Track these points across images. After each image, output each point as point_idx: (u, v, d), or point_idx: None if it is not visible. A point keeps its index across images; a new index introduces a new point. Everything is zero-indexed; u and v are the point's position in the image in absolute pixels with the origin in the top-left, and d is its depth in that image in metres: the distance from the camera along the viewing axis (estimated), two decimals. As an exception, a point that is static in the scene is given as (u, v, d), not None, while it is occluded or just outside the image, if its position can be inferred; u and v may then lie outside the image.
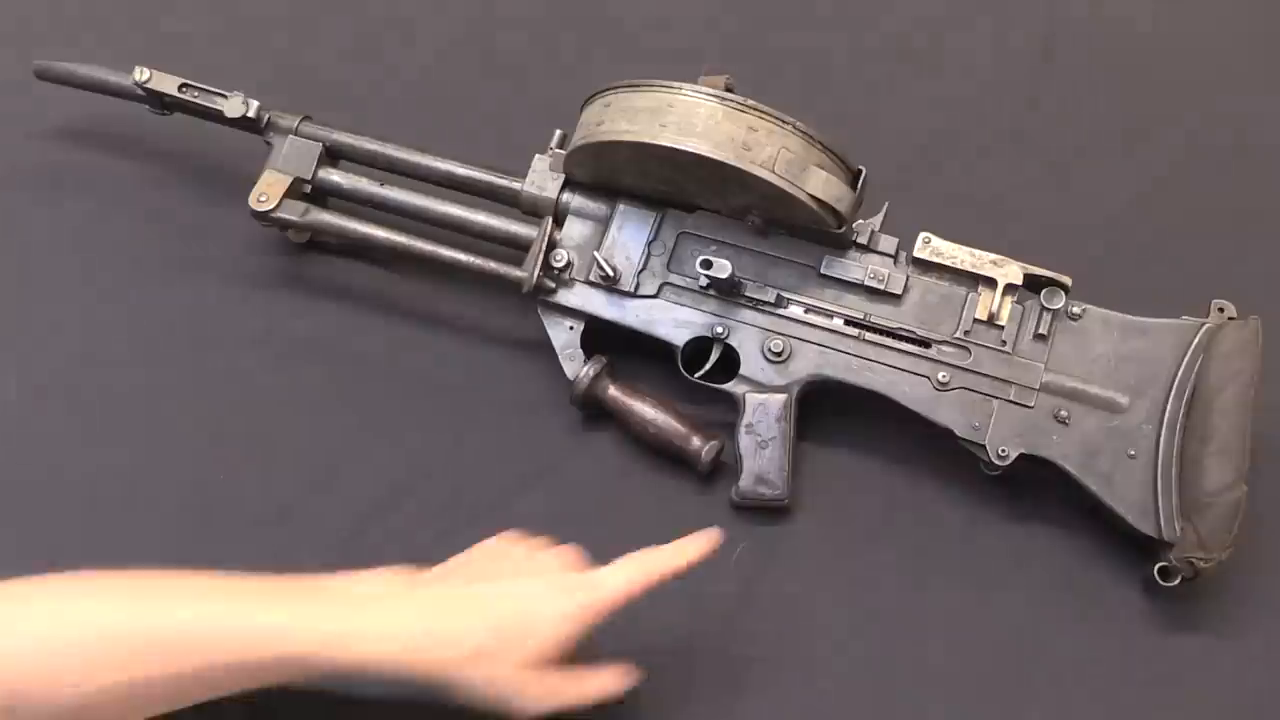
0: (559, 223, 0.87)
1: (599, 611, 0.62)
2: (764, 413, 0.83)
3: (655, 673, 0.78)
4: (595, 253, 0.85)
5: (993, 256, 0.82)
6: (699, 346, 0.85)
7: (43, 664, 0.55)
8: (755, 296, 0.84)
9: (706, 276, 0.81)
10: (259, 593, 0.60)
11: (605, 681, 0.64)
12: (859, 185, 0.80)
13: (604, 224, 0.86)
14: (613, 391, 0.85)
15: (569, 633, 0.61)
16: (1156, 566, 0.78)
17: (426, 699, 0.60)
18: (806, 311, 0.84)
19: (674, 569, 0.65)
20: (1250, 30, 1.11)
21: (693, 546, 0.66)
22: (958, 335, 0.82)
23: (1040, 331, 0.81)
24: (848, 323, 0.83)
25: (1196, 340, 0.80)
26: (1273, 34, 1.11)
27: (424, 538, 0.82)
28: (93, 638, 0.56)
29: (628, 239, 0.85)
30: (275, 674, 0.59)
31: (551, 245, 0.86)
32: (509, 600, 0.60)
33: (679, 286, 0.85)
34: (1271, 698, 0.79)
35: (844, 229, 0.81)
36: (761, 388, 0.83)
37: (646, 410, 0.84)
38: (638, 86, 0.79)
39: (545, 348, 0.86)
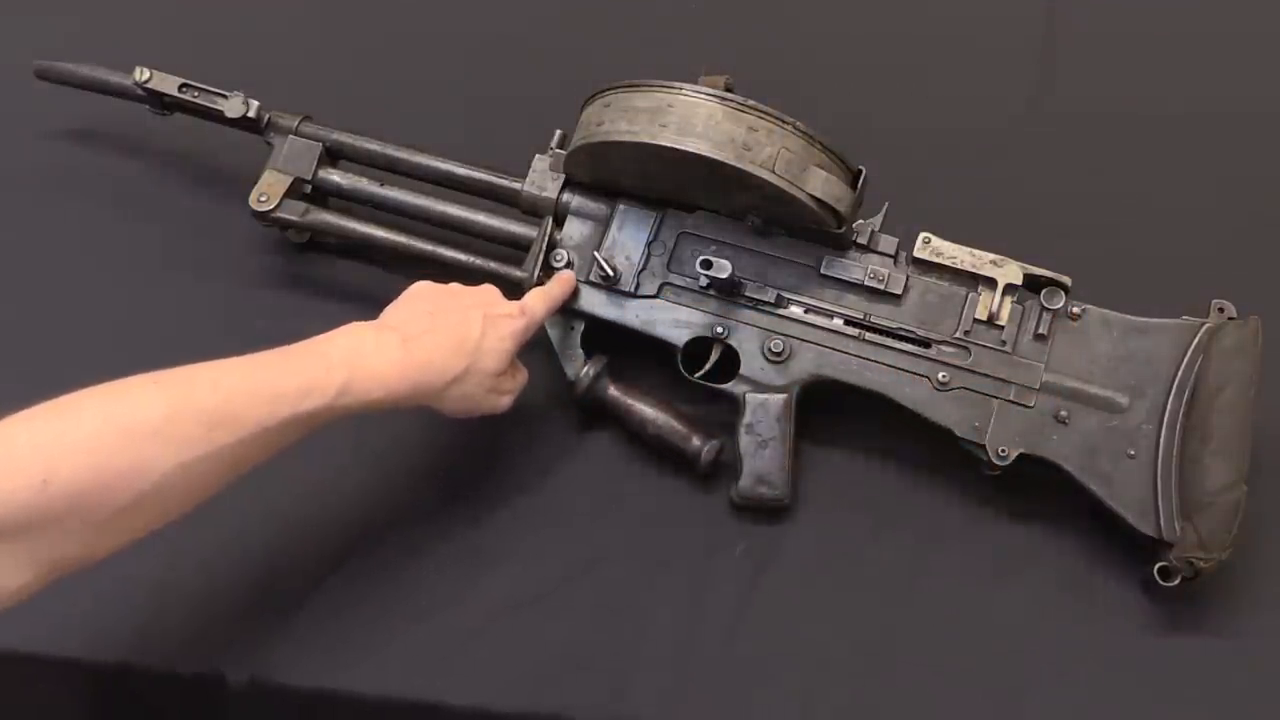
0: (559, 223, 0.87)
1: (529, 331, 0.80)
2: (764, 413, 0.83)
3: (655, 671, 0.79)
4: (595, 253, 0.85)
5: (993, 256, 0.82)
6: (699, 346, 0.85)
7: (100, 466, 0.59)
8: (755, 296, 0.84)
9: (706, 276, 0.81)
10: (280, 363, 0.69)
11: (522, 373, 0.83)
12: (859, 185, 0.81)
13: (604, 224, 0.86)
14: (613, 391, 0.85)
15: (513, 349, 0.79)
16: (1156, 566, 0.78)
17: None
18: (806, 311, 0.84)
19: (564, 294, 0.84)
20: (1250, 29, 1.11)
21: (566, 278, 0.85)
22: (958, 335, 0.82)
23: (1040, 331, 0.81)
24: (848, 323, 0.83)
25: (1196, 340, 0.80)
26: (1273, 32, 1.11)
27: (424, 537, 0.82)
28: (143, 431, 0.60)
29: (628, 239, 0.85)
30: (306, 427, 0.68)
31: (551, 245, 0.86)
32: (469, 332, 0.76)
33: (679, 286, 0.85)
34: (1271, 698, 0.79)
35: (844, 229, 0.81)
36: (761, 388, 0.83)
37: (646, 410, 0.84)
38: (638, 86, 0.79)
39: (545, 348, 0.86)
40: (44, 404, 0.60)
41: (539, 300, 0.82)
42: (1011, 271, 0.81)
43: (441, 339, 0.75)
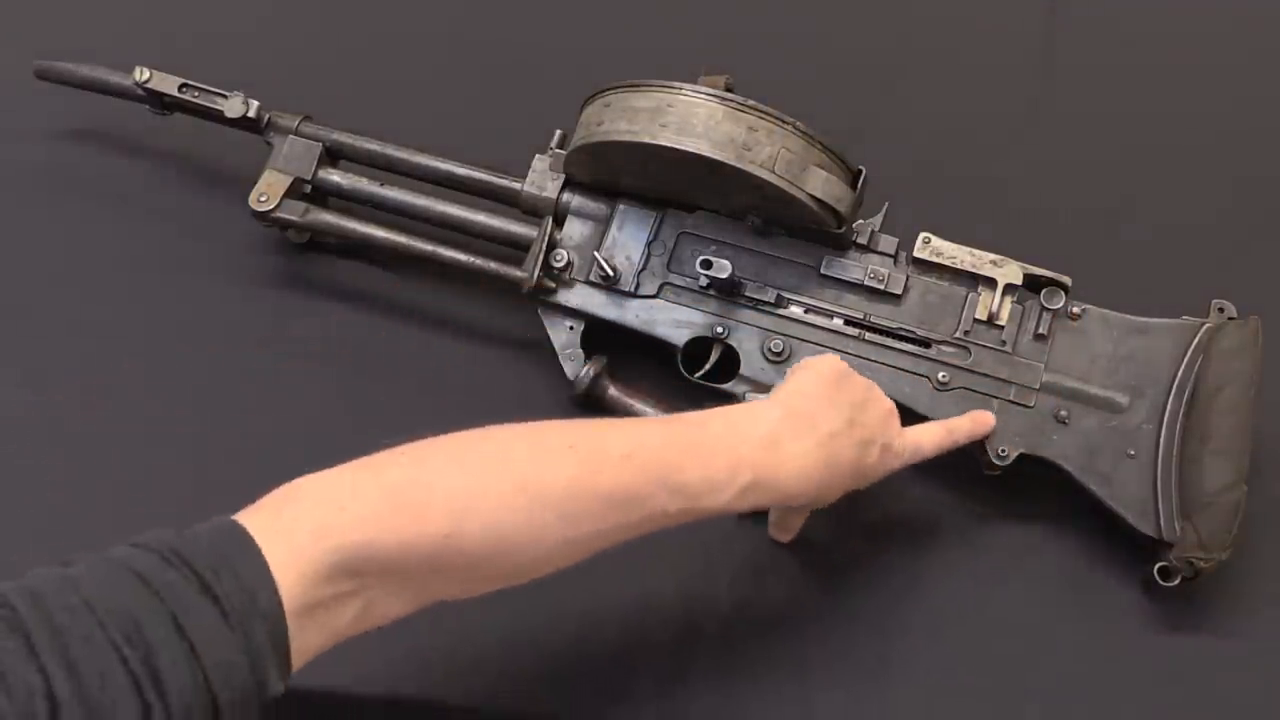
0: (559, 223, 0.87)
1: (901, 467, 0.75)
2: (764, 413, 0.82)
3: (655, 672, 0.78)
4: (595, 253, 0.85)
5: (993, 256, 0.82)
6: (699, 346, 0.85)
7: (502, 530, 0.58)
8: (755, 296, 0.84)
9: (706, 276, 0.81)
10: (692, 448, 0.64)
11: None
12: (859, 185, 0.81)
13: (604, 224, 0.86)
14: (613, 391, 0.85)
15: (881, 477, 0.74)
16: (1156, 566, 0.78)
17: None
18: (807, 311, 0.84)
19: (969, 439, 0.78)
20: (1250, 27, 1.11)
21: (982, 420, 0.79)
22: (958, 335, 0.82)
23: (1040, 331, 0.81)
24: (848, 323, 0.83)
25: (1196, 340, 0.80)
26: (1273, 32, 1.11)
27: (424, 538, 0.82)
28: (549, 501, 0.59)
29: (628, 239, 0.85)
30: (689, 519, 0.64)
31: (551, 245, 0.86)
32: (865, 456, 0.71)
33: (679, 286, 0.85)
34: (1271, 698, 0.79)
35: (844, 229, 0.81)
36: (761, 388, 0.83)
37: (646, 410, 0.84)
38: (638, 86, 0.79)
39: (545, 348, 0.86)
40: (460, 447, 0.60)
41: (934, 440, 0.76)
42: (1011, 271, 0.81)
43: (852, 454, 0.69)
